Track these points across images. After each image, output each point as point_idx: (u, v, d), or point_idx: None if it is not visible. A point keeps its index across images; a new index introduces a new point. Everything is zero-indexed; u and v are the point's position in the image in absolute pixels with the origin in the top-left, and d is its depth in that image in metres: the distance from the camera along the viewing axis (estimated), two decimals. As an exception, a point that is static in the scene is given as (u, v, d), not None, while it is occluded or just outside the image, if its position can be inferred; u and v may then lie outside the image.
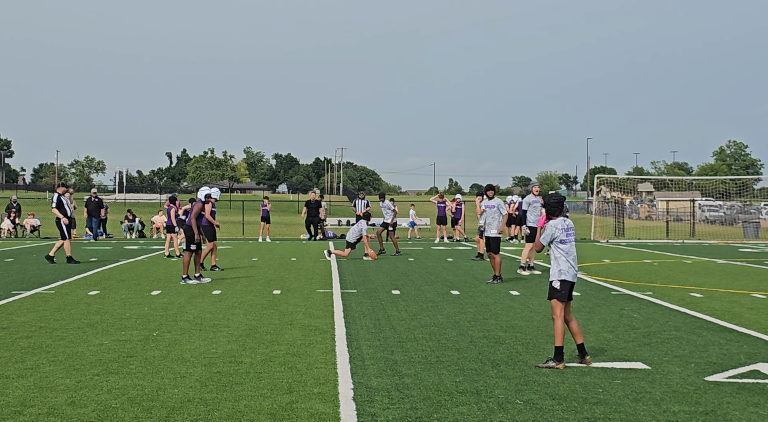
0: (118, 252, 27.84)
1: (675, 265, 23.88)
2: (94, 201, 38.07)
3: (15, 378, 8.28)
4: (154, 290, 16.07)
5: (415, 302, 14.53)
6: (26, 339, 10.54)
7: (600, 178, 49.44)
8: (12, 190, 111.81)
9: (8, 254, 26.35)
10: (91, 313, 12.97)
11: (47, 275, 19.01)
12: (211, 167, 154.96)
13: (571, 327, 9.24)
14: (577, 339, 9.17)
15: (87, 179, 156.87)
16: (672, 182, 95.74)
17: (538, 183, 23.29)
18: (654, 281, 18.54)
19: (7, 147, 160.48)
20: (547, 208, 9.61)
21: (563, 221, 9.43)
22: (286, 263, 23.41)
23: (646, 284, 17.99)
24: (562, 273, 9.22)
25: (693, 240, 41.96)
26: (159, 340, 10.52)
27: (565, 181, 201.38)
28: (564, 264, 9.26)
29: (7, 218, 39.99)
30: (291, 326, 11.71)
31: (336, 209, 76.74)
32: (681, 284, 18.11)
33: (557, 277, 9.22)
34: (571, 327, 9.24)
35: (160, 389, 7.85)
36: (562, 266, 9.26)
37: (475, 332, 11.30)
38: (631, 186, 71.29)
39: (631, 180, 69.49)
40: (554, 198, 9.57)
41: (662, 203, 75.23)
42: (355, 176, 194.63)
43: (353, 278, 18.73)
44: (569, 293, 9.27)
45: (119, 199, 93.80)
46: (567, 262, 9.27)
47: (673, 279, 19.22)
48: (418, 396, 7.64)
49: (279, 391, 7.78)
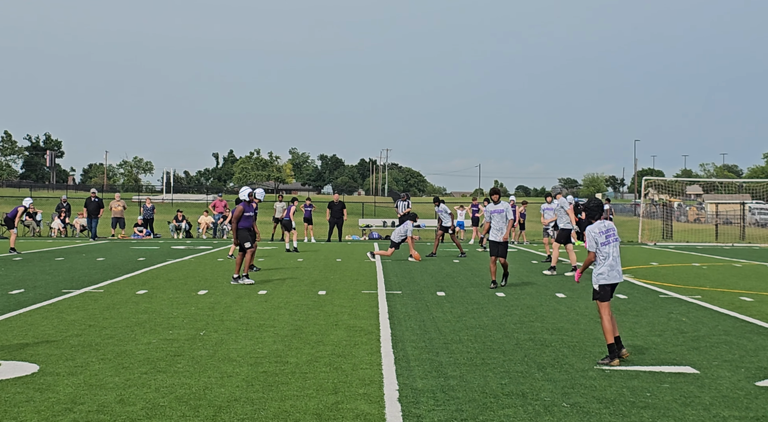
0: (166, 252, 28.15)
1: (724, 268, 23.53)
2: (94, 201, 37.57)
3: (65, 376, 8.41)
4: (200, 290, 16.22)
5: (460, 304, 14.49)
6: (76, 337, 10.70)
7: (648, 180, 48.85)
8: (62, 190, 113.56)
9: (58, 254, 26.78)
10: (139, 312, 13.12)
11: (96, 275, 19.28)
12: (257, 168, 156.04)
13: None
14: (615, 332, 9.50)
15: (135, 179, 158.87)
16: (721, 184, 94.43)
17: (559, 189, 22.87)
18: (703, 285, 18.29)
19: (57, 148, 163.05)
20: (588, 212, 10.00)
21: (601, 223, 9.77)
22: (330, 263, 23.48)
23: (695, 287, 17.74)
24: (602, 277, 9.55)
25: (743, 243, 41.32)
26: (206, 339, 10.61)
27: (612, 183, 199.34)
28: (604, 267, 9.57)
29: (58, 218, 40.64)
30: (336, 326, 11.74)
31: (381, 211, 76.82)
32: (730, 287, 17.84)
33: (597, 281, 9.57)
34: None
35: (207, 388, 7.92)
36: (603, 269, 9.58)
37: (520, 334, 11.23)
38: (679, 189, 70.47)
39: (679, 182, 68.61)
40: (594, 202, 9.96)
41: (711, 206, 74.18)
42: (399, 177, 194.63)
43: (398, 280, 18.73)
44: (611, 293, 9.60)
45: (166, 199, 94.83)
46: (608, 265, 9.56)
47: (723, 283, 18.93)
48: (464, 397, 7.61)
49: (324, 391, 7.80)
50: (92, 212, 37.70)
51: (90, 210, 37.76)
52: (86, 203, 37.86)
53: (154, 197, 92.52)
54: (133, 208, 61.97)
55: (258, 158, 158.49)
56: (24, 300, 14.44)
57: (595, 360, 9.40)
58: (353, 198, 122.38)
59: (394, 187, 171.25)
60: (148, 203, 41.56)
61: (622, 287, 17.42)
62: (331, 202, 38.46)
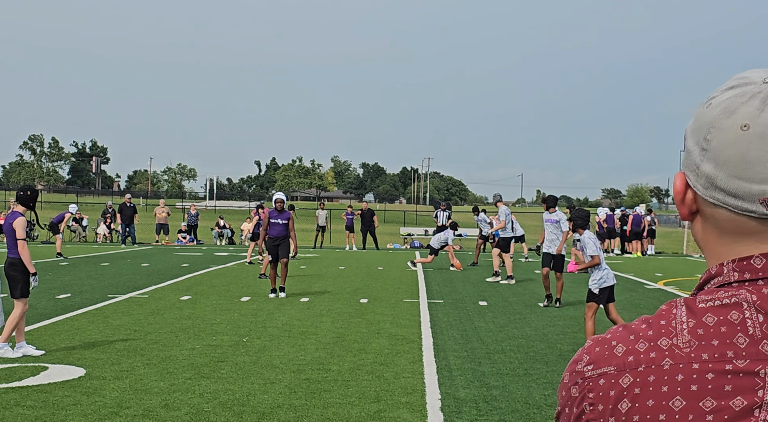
0: (209, 259, 28.37)
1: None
2: (129, 207, 37.01)
3: (111, 380, 8.51)
4: (243, 297, 16.32)
5: (503, 313, 14.43)
6: (122, 342, 10.83)
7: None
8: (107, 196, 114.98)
9: (104, 259, 27.11)
10: (183, 318, 13.24)
11: (141, 280, 19.49)
12: (299, 176, 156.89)
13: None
14: None
15: (179, 185, 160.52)
16: None
17: (499, 197, 22.40)
18: (749, 298, 17.99)
19: (103, 154, 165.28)
20: (575, 222, 10.75)
21: (590, 232, 10.55)
22: (372, 272, 23.51)
23: (741, 300, 17.46)
24: (603, 280, 10.13)
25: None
26: (249, 346, 10.68)
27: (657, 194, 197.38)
28: (603, 272, 10.18)
29: (103, 224, 41.15)
30: (378, 335, 11.75)
31: (422, 219, 76.74)
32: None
33: (599, 285, 10.13)
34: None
35: (250, 394, 7.97)
36: (602, 274, 10.17)
37: (563, 345, 11.15)
38: (725, 199, 69.40)
39: (725, 193, 67.75)
40: (580, 213, 10.72)
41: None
42: (441, 186, 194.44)
43: (440, 289, 18.70)
44: (611, 295, 10.18)
45: (209, 206, 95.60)
46: (605, 269, 10.22)
47: None
48: (507, 408, 7.57)
49: (367, 399, 7.81)
50: (127, 219, 37.02)
51: (124, 216, 37.13)
52: (120, 209, 37.35)
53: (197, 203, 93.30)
54: (176, 214, 62.57)
55: (300, 166, 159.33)
56: (71, 305, 14.64)
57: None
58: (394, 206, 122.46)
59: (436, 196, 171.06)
60: (193, 209, 41.97)
61: (668, 299, 17.22)
62: (360, 210, 38.53)
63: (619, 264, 28.36)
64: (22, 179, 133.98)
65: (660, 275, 24.21)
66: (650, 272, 24.94)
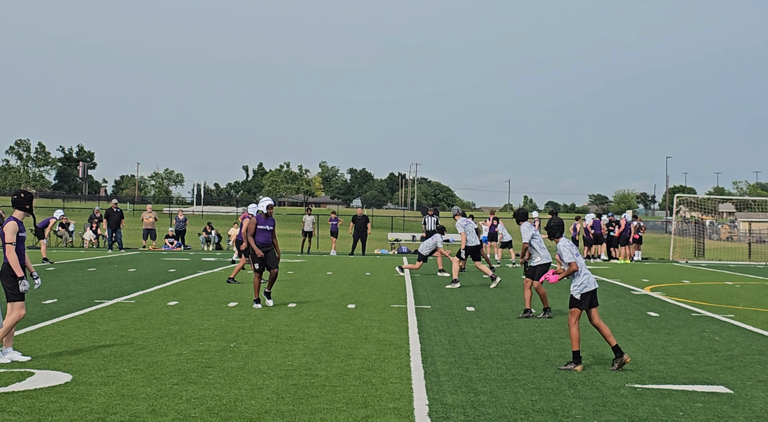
0: (196, 264, 28.31)
1: (758, 287, 23.26)
2: (116, 212, 36.80)
3: (98, 386, 8.47)
4: (231, 302, 16.28)
5: (490, 319, 14.44)
6: (108, 348, 10.78)
7: (680, 197, 48.52)
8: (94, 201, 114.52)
9: (91, 264, 27.01)
10: (170, 323, 13.20)
11: (128, 285, 19.42)
12: (287, 181, 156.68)
13: (602, 332, 10.01)
14: (611, 341, 9.96)
15: (166, 191, 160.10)
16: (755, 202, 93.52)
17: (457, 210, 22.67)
18: (736, 304, 18.09)
19: (90, 159, 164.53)
20: (550, 231, 10.69)
21: (566, 239, 10.42)
22: (360, 277, 23.50)
23: (728, 306, 17.55)
24: (583, 286, 9.99)
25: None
26: (236, 351, 10.66)
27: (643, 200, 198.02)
28: (583, 278, 10.04)
29: (90, 229, 41.01)
30: (366, 340, 11.74)
31: (409, 225, 76.76)
32: (764, 307, 17.63)
33: (580, 290, 9.98)
34: (603, 331, 10.02)
35: (237, 400, 7.95)
36: (582, 280, 10.03)
37: (551, 351, 11.18)
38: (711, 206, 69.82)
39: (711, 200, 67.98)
40: (554, 222, 10.62)
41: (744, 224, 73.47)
42: (429, 191, 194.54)
43: (427, 294, 18.71)
44: (593, 300, 10.02)
45: (197, 211, 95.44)
46: (585, 274, 10.07)
47: (756, 302, 18.72)
48: (494, 413, 7.58)
49: (354, 405, 7.80)
50: (114, 224, 36.79)
51: (111, 222, 36.89)
52: (107, 214, 37.13)
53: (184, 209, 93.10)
54: (163, 219, 62.37)
55: (288, 171, 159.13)
56: (57, 310, 14.58)
57: (627, 378, 9.32)
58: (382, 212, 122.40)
59: (423, 201, 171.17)
60: (180, 215, 42.00)
61: (654, 304, 17.29)
62: (355, 216, 38.57)
63: (605, 270, 28.46)
64: (8, 184, 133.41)
65: (647, 280, 24.29)
66: (637, 278, 25.02)
